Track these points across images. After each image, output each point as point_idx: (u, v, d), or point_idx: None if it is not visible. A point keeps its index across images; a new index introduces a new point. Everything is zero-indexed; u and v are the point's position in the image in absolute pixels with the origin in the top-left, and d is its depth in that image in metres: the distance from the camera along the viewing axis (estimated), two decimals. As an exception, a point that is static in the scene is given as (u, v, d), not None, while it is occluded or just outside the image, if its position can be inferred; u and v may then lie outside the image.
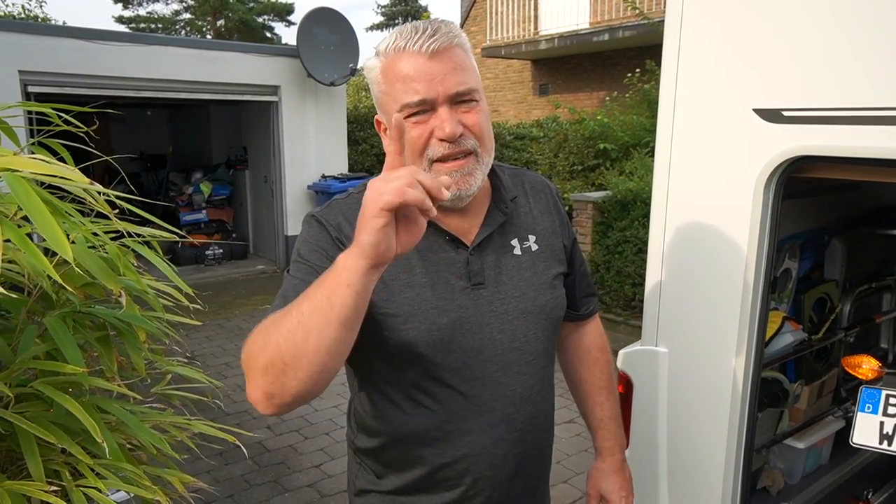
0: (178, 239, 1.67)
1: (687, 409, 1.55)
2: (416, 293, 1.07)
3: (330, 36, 7.64)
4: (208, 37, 25.18)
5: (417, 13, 28.58)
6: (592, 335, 1.38)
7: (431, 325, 1.06)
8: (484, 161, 1.06)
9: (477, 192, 1.07)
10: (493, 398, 1.10)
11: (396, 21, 29.71)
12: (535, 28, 12.30)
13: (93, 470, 1.24)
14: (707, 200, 1.45)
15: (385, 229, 0.77)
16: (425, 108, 1.01)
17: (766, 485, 2.13)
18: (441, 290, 1.08)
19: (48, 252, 1.33)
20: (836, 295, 2.23)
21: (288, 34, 29.57)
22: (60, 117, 1.54)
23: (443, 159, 1.03)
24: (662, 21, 1.50)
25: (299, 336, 0.82)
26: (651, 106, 7.07)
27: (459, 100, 1.02)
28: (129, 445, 1.47)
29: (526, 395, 1.13)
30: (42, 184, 1.19)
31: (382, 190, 0.77)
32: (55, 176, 1.08)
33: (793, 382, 2.12)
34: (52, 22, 16.78)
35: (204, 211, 8.73)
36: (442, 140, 1.01)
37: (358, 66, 7.97)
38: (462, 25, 14.80)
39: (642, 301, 1.65)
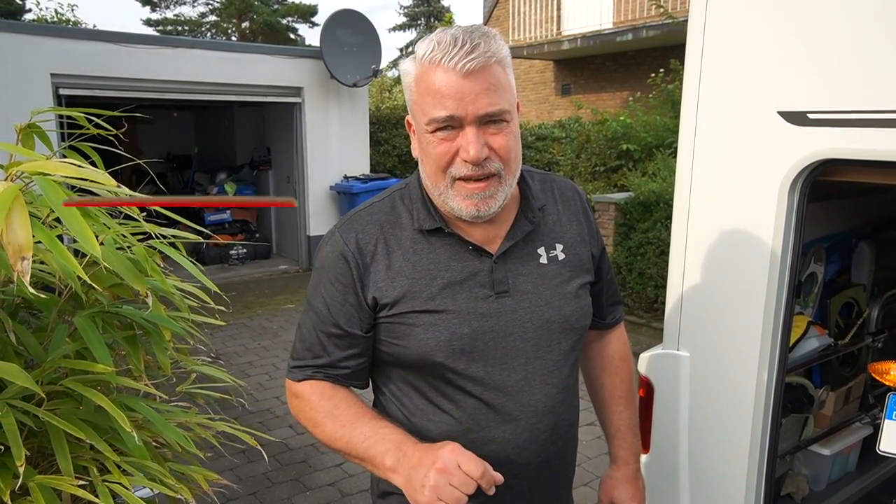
0: (203, 241, 1.70)
1: (709, 413, 1.53)
2: (438, 303, 1.07)
3: (353, 38, 7.69)
4: (233, 39, 25.52)
5: (440, 14, 28.60)
6: (616, 344, 1.36)
7: (452, 335, 1.06)
8: (507, 182, 1.05)
9: (498, 210, 1.06)
10: (516, 408, 1.10)
11: (419, 21, 29.77)
12: (558, 28, 12.24)
13: (119, 466, 1.27)
14: (730, 203, 1.44)
15: None
16: (453, 124, 1.00)
17: (790, 491, 2.10)
18: (463, 300, 1.08)
19: (77, 253, 1.37)
20: (863, 299, 2.19)
21: (312, 35, 29.82)
22: (90, 121, 1.57)
23: (465, 179, 1.02)
24: (687, 20, 1.49)
25: (343, 455, 1.10)
26: (675, 106, 6.99)
27: (489, 120, 1.00)
28: (154, 443, 1.50)
29: (549, 404, 1.13)
30: (73, 187, 1.22)
31: (439, 494, 0.90)
32: (85, 179, 1.11)
33: (818, 388, 2.09)
34: (83, 26, 17.16)
35: (228, 211, 8.85)
36: (466, 161, 1.01)
37: (380, 68, 8.01)
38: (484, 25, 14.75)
39: (664, 303, 1.64)
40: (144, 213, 1.45)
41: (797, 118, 1.29)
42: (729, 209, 1.44)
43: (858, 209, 2.19)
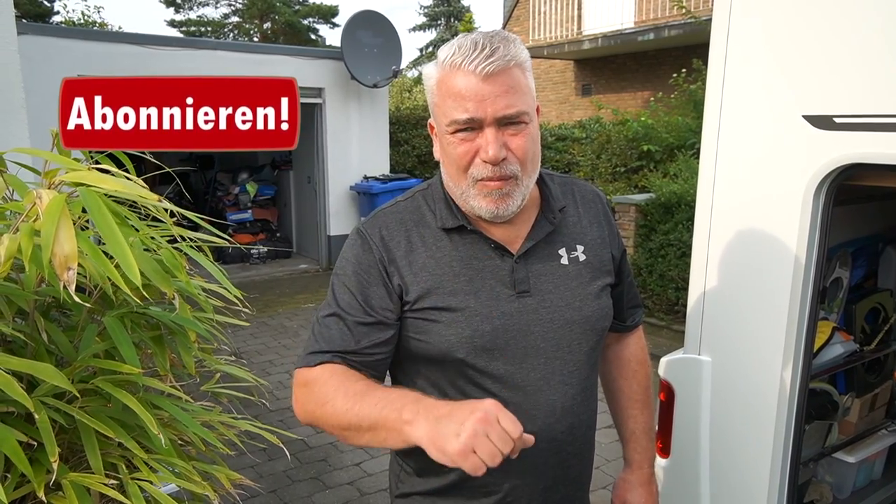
0: (227, 245, 1.73)
1: (731, 419, 1.52)
2: (461, 300, 1.08)
3: (373, 39, 7.73)
4: (255, 39, 25.77)
5: (460, 14, 28.59)
6: (634, 347, 1.37)
7: (474, 332, 1.07)
8: (524, 184, 1.07)
9: (517, 211, 1.08)
10: (534, 407, 1.11)
11: (439, 21, 29.79)
12: (579, 28, 12.18)
13: (146, 464, 1.29)
14: (754, 206, 1.43)
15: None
16: (473, 126, 1.02)
17: (813, 499, 2.07)
18: (485, 298, 1.09)
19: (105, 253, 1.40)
20: (890, 305, 2.16)
21: (332, 36, 29.96)
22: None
23: (484, 180, 1.05)
24: (710, 20, 1.48)
25: (352, 435, 0.99)
26: (697, 107, 6.93)
27: (507, 122, 1.02)
28: (179, 441, 1.53)
29: (567, 405, 1.13)
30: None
31: (476, 444, 0.82)
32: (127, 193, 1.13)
33: (843, 394, 2.06)
34: (109, 28, 17.47)
35: (249, 210, 8.95)
36: (485, 161, 1.03)
37: (400, 68, 8.05)
38: (504, 26, 14.77)
39: (685, 306, 1.63)
40: (174, 220, 1.48)
41: (823, 122, 1.27)
42: (753, 212, 1.43)
43: (885, 213, 2.16)
